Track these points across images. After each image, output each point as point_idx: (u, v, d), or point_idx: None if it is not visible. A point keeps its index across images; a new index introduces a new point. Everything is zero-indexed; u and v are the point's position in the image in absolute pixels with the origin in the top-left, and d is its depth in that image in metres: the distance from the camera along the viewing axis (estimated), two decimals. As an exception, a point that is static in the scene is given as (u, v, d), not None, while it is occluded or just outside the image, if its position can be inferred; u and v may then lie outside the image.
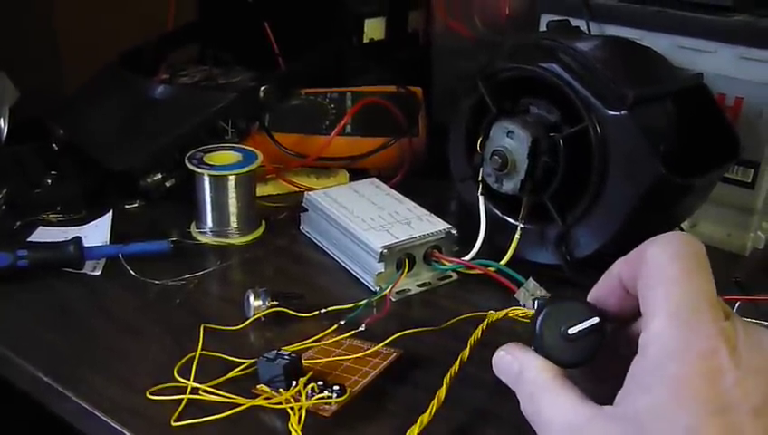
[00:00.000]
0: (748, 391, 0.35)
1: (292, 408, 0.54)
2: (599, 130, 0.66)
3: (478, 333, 0.57)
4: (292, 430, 0.52)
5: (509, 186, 0.71)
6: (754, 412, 0.35)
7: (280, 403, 0.54)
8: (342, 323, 0.65)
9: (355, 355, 0.60)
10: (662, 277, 0.38)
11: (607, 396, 0.39)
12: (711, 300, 0.37)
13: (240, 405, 0.55)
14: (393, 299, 0.69)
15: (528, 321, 0.66)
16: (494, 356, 0.45)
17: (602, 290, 0.43)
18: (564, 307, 0.42)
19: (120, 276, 0.72)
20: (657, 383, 0.36)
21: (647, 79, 0.69)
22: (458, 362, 0.55)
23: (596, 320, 0.41)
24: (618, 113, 0.65)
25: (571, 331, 0.41)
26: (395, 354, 0.61)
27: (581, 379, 0.42)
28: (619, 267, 0.42)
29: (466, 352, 0.55)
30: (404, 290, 0.72)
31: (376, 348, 0.61)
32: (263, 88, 0.88)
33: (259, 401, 0.55)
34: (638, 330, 0.39)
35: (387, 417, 0.56)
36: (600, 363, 0.42)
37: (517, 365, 0.43)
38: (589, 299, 0.44)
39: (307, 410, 0.54)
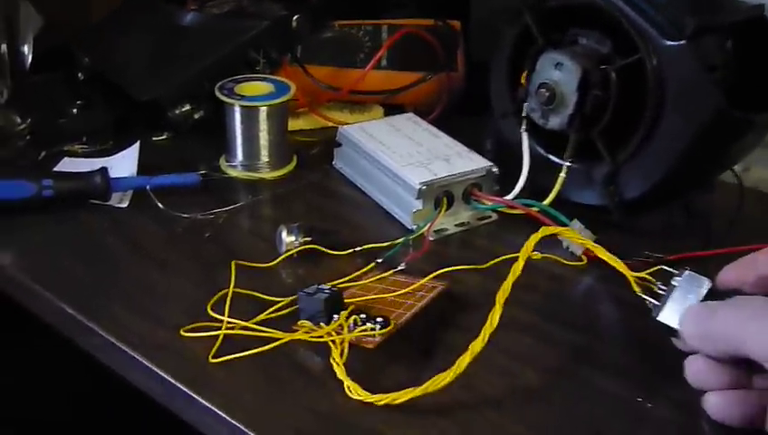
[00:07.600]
0: None
1: (333, 341, 0.52)
2: (654, 62, 0.62)
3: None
4: (334, 363, 0.50)
5: (556, 121, 0.67)
6: None
7: (321, 337, 0.52)
8: (380, 261, 0.62)
9: (400, 290, 0.58)
10: None
11: None
12: None
13: (279, 339, 0.53)
14: (431, 238, 0.67)
15: (570, 264, 0.64)
16: (686, 311, 0.47)
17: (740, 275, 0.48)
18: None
19: (147, 209, 0.69)
20: None
21: (706, 8, 0.65)
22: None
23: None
24: (676, 43, 0.61)
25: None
26: (441, 287, 0.59)
27: None
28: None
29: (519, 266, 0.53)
30: (441, 229, 0.69)
31: (422, 282, 0.59)
32: (295, 17, 0.85)
33: (299, 335, 0.53)
34: None
35: (422, 359, 0.54)
36: None
37: (708, 309, 0.46)
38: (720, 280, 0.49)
39: (350, 344, 0.52)
